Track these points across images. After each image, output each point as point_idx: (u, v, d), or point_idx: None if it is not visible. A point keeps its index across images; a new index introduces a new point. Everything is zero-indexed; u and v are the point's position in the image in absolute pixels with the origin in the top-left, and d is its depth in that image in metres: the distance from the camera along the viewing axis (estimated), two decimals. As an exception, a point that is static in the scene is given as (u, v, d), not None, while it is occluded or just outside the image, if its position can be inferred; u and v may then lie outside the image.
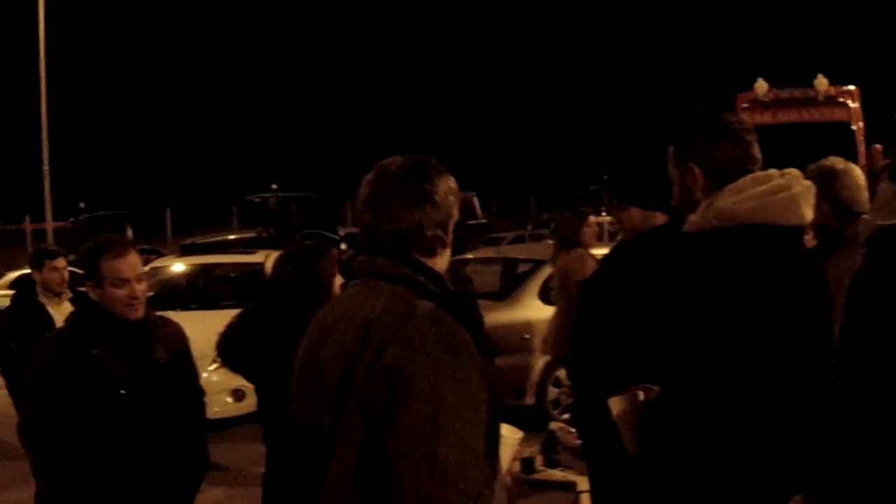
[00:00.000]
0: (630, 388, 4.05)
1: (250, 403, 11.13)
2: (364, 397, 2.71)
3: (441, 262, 3.01)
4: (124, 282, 4.84)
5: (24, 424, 5.00)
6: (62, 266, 8.20)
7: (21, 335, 7.81)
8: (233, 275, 14.64)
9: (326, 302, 3.54)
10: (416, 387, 2.67)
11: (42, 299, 8.12)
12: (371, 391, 2.70)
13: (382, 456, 2.67)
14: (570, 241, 10.30)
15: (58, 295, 8.17)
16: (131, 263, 4.92)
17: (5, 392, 8.32)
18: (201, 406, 5.39)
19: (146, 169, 69.61)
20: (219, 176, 64.68)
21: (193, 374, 5.42)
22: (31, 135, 39.41)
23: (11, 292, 26.42)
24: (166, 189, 56.95)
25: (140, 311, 4.99)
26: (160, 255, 29.53)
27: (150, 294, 14.30)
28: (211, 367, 11.36)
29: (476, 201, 40.31)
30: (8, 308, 8.31)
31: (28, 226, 44.53)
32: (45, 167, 38.10)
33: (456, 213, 3.03)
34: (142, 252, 32.46)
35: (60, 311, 7.85)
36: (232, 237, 31.71)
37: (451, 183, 3.02)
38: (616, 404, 4.12)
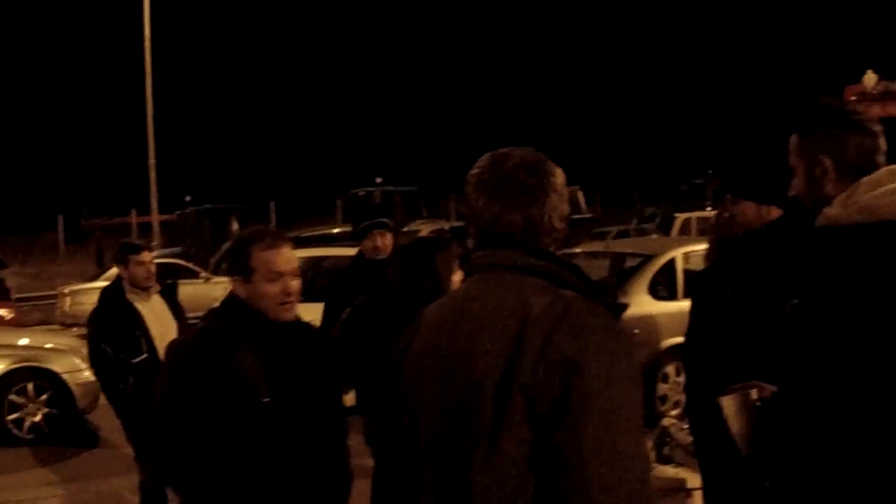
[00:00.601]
0: (743, 387, 3.99)
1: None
2: (532, 391, 2.61)
3: (557, 253, 2.96)
4: (278, 276, 4.25)
5: (153, 436, 4.42)
6: (147, 260, 7.89)
7: (111, 336, 7.63)
8: (339, 267, 14.69)
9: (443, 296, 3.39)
10: (592, 378, 2.60)
11: (130, 296, 7.77)
12: (541, 384, 2.61)
13: (556, 450, 2.59)
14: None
15: (145, 290, 7.85)
16: (287, 256, 4.33)
17: None
18: (343, 417, 4.66)
19: (251, 162, 70.33)
20: (323, 169, 65.15)
21: (335, 382, 4.70)
22: (137, 129, 40.06)
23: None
24: (271, 182, 57.45)
25: (293, 312, 4.37)
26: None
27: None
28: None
29: (581, 196, 40.03)
30: (96, 308, 7.96)
31: (134, 218, 45.36)
32: (152, 161, 38.70)
33: (568, 205, 2.99)
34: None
35: (149, 307, 7.80)
36: (336, 230, 31.87)
37: (564, 176, 2.98)
38: (728, 403, 4.05)
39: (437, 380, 2.85)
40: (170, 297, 8.05)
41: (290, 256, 4.37)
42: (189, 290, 26.47)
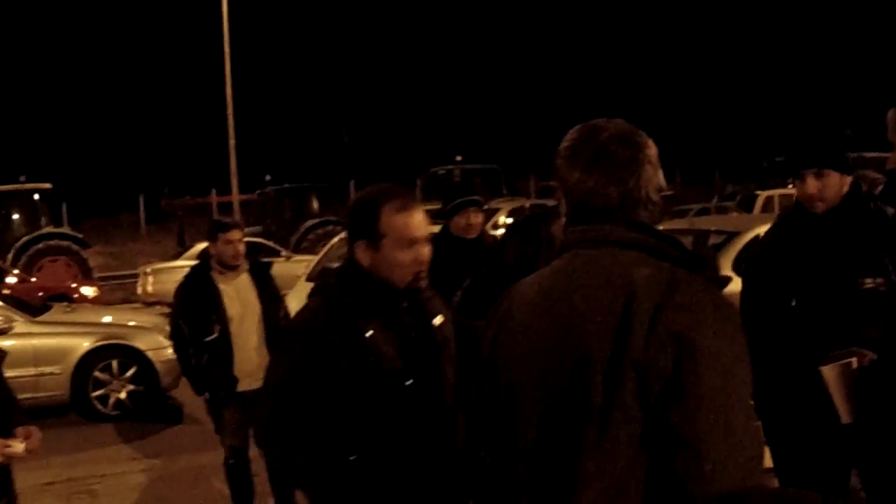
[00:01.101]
0: (843, 355, 3.92)
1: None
2: (643, 367, 2.54)
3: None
4: (412, 243, 3.80)
5: (267, 422, 3.93)
6: (236, 238, 7.69)
7: (188, 313, 7.66)
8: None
9: None
10: (705, 353, 2.53)
11: (214, 275, 7.72)
12: (652, 361, 2.54)
13: (668, 428, 2.52)
14: None
15: (232, 269, 7.75)
16: (420, 220, 3.85)
17: None
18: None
19: (331, 142, 70.50)
20: (402, 148, 65.18)
21: (460, 356, 4.15)
22: (217, 110, 40.29)
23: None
24: (350, 161, 57.56)
25: (426, 282, 3.93)
26: (345, 227, 29.99)
27: (337, 265, 14.63)
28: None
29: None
30: (180, 284, 7.93)
31: (214, 198, 45.67)
32: (232, 141, 38.94)
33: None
34: (327, 224, 32.77)
35: (234, 286, 7.73)
36: (416, 208, 31.80)
37: (657, 149, 2.92)
38: (829, 373, 3.99)
39: (539, 360, 2.76)
40: (259, 277, 7.95)
41: (424, 220, 3.88)
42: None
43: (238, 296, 7.71)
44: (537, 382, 2.75)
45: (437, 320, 3.98)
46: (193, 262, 25.57)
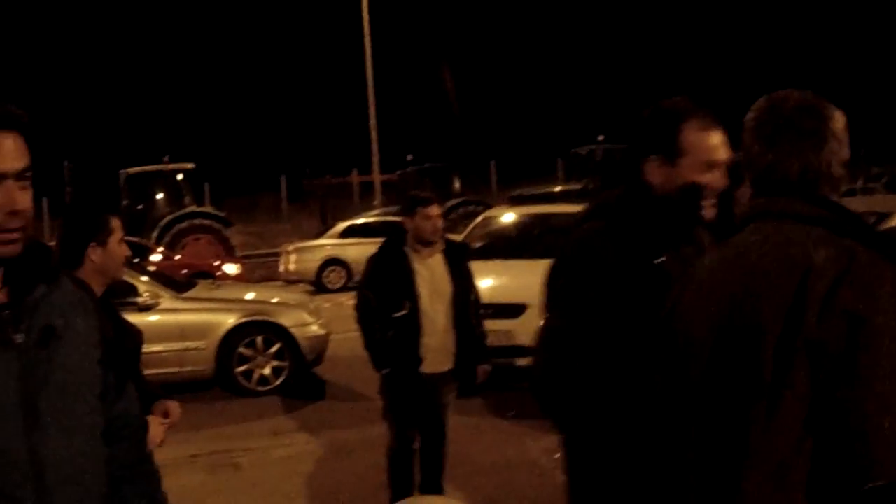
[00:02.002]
0: None
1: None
2: (816, 345, 2.43)
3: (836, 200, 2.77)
4: (711, 167, 3.47)
5: (545, 362, 3.54)
6: (435, 214, 7.38)
7: (378, 285, 7.38)
8: (566, 225, 14.44)
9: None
10: (879, 334, 2.40)
11: (408, 250, 7.40)
12: (825, 339, 2.42)
13: (839, 408, 2.40)
14: None
15: (428, 245, 7.42)
16: (724, 143, 3.50)
17: (351, 335, 8.10)
18: None
19: (471, 121, 70.51)
20: (542, 128, 64.90)
21: None
22: (357, 90, 40.52)
23: (341, 241, 27.47)
24: (491, 141, 57.48)
25: (713, 213, 3.53)
26: (487, 206, 29.84)
27: (481, 244, 14.49)
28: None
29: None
30: (373, 255, 7.62)
31: (355, 178, 46.03)
32: (372, 121, 39.16)
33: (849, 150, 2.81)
34: (468, 204, 32.83)
35: (428, 264, 7.42)
36: (557, 189, 31.63)
37: (844, 119, 2.82)
38: None
39: (711, 334, 2.69)
40: (454, 257, 7.62)
41: (726, 144, 3.51)
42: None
43: (431, 274, 7.42)
44: (709, 357, 2.68)
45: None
46: (334, 241, 25.81)
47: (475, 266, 11.24)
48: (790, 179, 2.74)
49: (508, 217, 15.14)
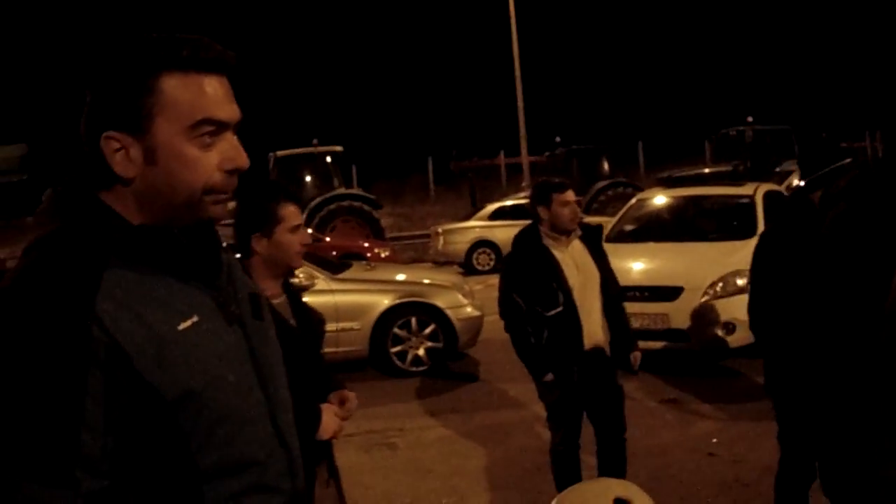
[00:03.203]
0: None
1: (740, 337, 10.88)
2: None
3: None
4: None
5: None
6: (572, 199, 6.88)
7: (524, 285, 6.83)
8: (720, 207, 14.29)
9: None
10: None
11: (546, 241, 6.89)
12: None
13: None
14: None
15: (566, 234, 6.92)
16: None
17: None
18: None
19: (620, 103, 69.94)
20: (690, 109, 64.08)
21: None
22: (505, 72, 40.48)
23: (491, 223, 27.49)
24: (639, 123, 56.99)
25: None
26: (637, 188, 29.54)
27: (634, 227, 14.40)
28: (703, 299, 11.24)
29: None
30: (509, 255, 7.14)
31: (502, 160, 46.04)
32: (520, 103, 39.09)
33: None
34: (618, 186, 32.56)
35: (568, 254, 6.91)
36: (707, 170, 31.23)
37: None
38: None
39: None
40: (592, 241, 7.13)
41: None
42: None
43: (576, 263, 6.92)
44: None
45: None
46: (483, 223, 25.76)
47: (630, 249, 11.07)
48: None
49: (661, 199, 15.00)
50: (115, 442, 2.07)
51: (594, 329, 6.93)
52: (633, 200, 15.47)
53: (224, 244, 2.44)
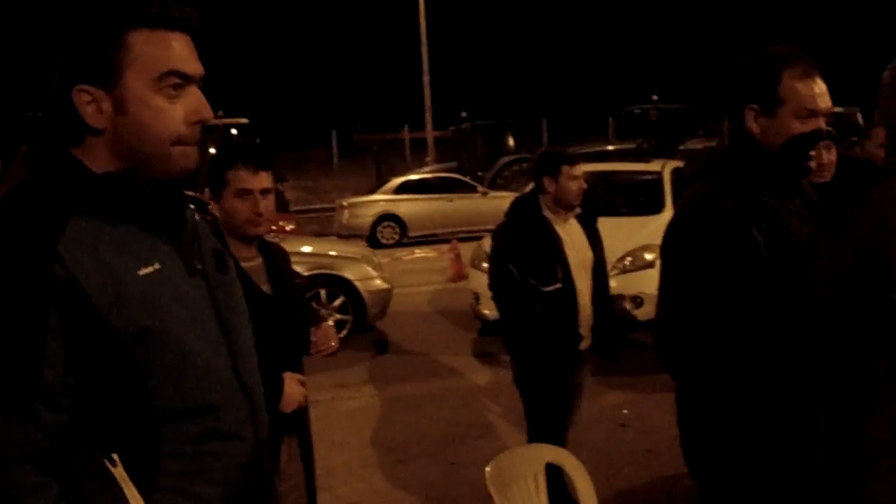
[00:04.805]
0: None
1: (648, 310, 11.00)
2: None
3: None
4: (812, 115, 3.42)
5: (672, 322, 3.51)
6: (581, 174, 6.56)
7: (521, 256, 6.46)
8: (628, 183, 14.42)
9: None
10: None
11: (547, 213, 6.56)
12: None
13: None
14: None
15: (569, 209, 6.62)
16: (825, 90, 3.44)
17: (411, 290, 7.81)
18: None
19: (525, 79, 70.28)
20: (595, 86, 64.59)
21: None
22: (411, 46, 40.49)
23: (396, 197, 27.55)
24: (544, 99, 57.34)
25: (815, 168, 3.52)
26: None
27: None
28: (612, 273, 11.32)
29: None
30: (506, 223, 6.79)
31: (406, 134, 46.06)
32: (426, 77, 39.13)
33: None
34: (523, 161, 32.69)
35: (566, 231, 6.59)
36: (610, 148, 31.55)
37: None
38: None
39: (841, 286, 2.66)
40: (588, 222, 6.76)
41: (826, 89, 3.44)
42: (467, 205, 26.87)
43: (573, 241, 6.59)
44: (831, 303, 2.68)
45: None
46: (388, 197, 25.65)
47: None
48: None
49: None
50: (75, 379, 2.20)
51: (585, 313, 6.59)
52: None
53: (191, 205, 2.57)
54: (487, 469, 3.35)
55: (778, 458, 3.31)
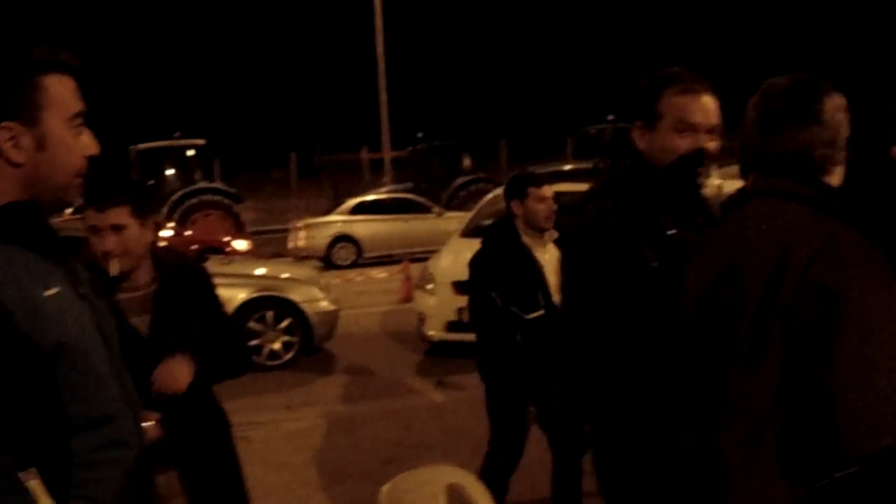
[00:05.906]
0: None
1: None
2: (790, 315, 2.60)
3: (834, 179, 2.94)
4: (689, 129, 3.47)
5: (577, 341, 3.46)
6: (549, 195, 6.46)
7: (501, 283, 6.32)
8: (578, 203, 14.50)
9: None
10: (850, 307, 2.57)
11: (526, 239, 6.46)
12: (798, 309, 2.59)
13: (809, 379, 2.59)
14: None
15: (542, 232, 6.50)
16: (707, 107, 3.50)
17: (360, 312, 7.94)
18: None
19: (483, 100, 70.50)
20: (553, 107, 64.87)
21: None
22: (368, 67, 40.56)
23: (351, 218, 27.56)
24: (502, 120, 57.53)
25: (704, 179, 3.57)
26: (497, 184, 29.84)
27: (490, 222, 14.51)
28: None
29: None
30: (482, 250, 6.61)
31: (365, 155, 46.07)
32: (383, 98, 39.18)
33: (845, 130, 2.94)
34: (479, 181, 32.67)
35: (544, 255, 6.47)
36: (567, 167, 31.66)
37: (839, 101, 2.94)
38: None
39: (700, 304, 2.85)
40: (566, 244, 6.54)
41: (713, 109, 3.51)
42: (422, 225, 26.88)
43: (551, 266, 6.32)
44: (695, 318, 2.84)
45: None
46: (344, 218, 25.61)
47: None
48: (782, 160, 2.89)
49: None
50: None
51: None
52: (490, 195, 15.59)
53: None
54: (383, 489, 3.35)
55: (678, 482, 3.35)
